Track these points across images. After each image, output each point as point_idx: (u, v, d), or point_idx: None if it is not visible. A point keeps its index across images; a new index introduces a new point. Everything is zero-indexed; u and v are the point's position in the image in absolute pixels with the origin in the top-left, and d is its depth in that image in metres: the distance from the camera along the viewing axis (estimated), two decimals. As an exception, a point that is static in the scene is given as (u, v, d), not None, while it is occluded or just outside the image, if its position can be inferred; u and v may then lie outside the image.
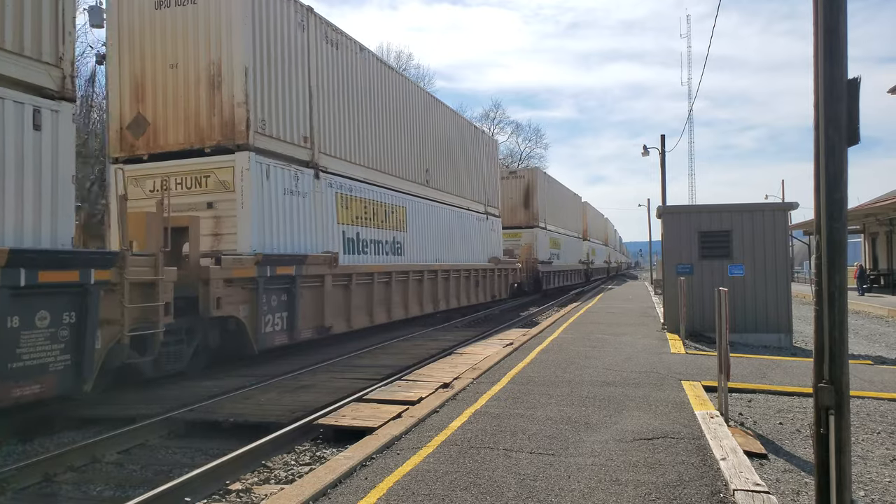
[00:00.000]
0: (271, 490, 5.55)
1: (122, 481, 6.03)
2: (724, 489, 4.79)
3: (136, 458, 6.71)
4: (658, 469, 5.24)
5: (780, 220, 14.34)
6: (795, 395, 8.32)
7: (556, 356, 11.11)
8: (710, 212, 14.71)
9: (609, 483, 4.94)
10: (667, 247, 15.04)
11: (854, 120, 3.73)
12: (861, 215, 31.11)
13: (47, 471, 6.08)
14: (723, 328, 6.73)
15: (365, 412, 7.59)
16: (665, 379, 9.02)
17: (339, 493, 4.82)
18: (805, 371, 9.60)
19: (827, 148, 3.73)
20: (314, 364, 11.40)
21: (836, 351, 3.71)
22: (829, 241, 3.75)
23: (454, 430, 6.42)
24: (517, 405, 7.46)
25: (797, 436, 6.53)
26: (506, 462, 5.44)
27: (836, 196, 3.74)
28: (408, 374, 10.15)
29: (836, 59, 3.72)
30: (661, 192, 29.00)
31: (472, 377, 9.18)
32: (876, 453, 6.03)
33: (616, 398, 7.80)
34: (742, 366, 10.15)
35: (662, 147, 29.67)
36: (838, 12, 3.72)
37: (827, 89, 3.72)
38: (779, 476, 5.33)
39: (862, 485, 5.20)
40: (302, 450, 6.82)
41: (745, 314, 13.90)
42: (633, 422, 6.71)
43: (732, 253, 14.23)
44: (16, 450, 6.98)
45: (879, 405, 7.82)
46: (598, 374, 9.35)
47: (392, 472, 5.23)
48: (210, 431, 7.44)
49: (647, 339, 13.59)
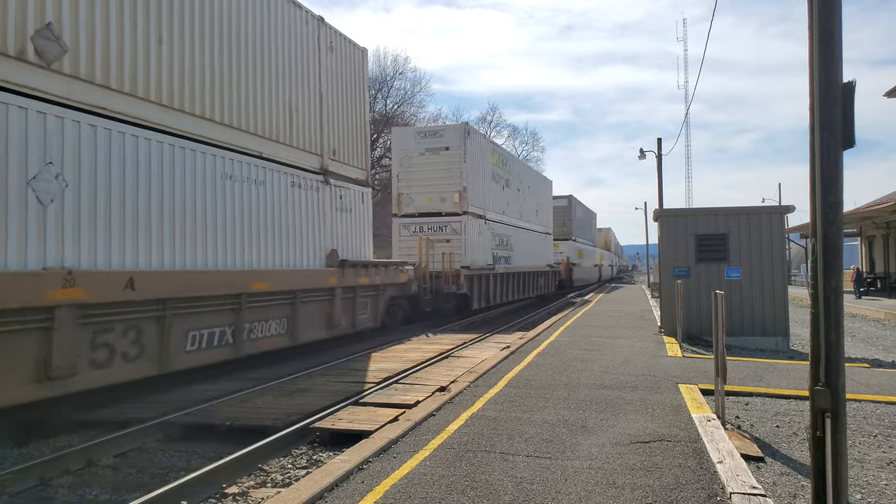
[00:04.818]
0: (268, 493, 5.54)
1: (119, 485, 6.01)
2: (720, 492, 4.79)
3: (132, 462, 6.69)
4: (655, 472, 5.24)
5: (777, 224, 14.37)
6: (792, 398, 8.33)
7: (553, 359, 11.11)
8: (707, 215, 14.73)
9: (606, 486, 4.93)
10: (663, 250, 15.06)
11: (849, 123, 3.74)
12: (857, 218, 31.19)
13: (43, 474, 6.06)
14: (719, 331, 6.74)
15: (361, 415, 7.58)
16: (662, 382, 9.02)
17: (335, 497, 4.81)
18: (802, 374, 9.62)
19: (822, 151, 3.75)
20: (311, 367, 11.37)
21: (832, 354, 3.72)
22: (825, 245, 3.76)
23: (451, 434, 6.41)
24: (514, 408, 7.45)
25: (794, 439, 6.54)
26: (502, 465, 5.43)
27: (831, 199, 3.75)
28: (405, 377, 10.14)
29: (831, 62, 3.73)
30: (657, 195, 29.04)
31: (469, 380, 9.17)
32: (872, 456, 6.03)
33: (613, 401, 7.80)
34: (739, 369, 10.16)
35: (659, 150, 29.71)
36: (833, 16, 3.74)
37: (822, 93, 3.74)
38: (776, 479, 5.34)
39: (858, 488, 5.20)
40: (298, 453, 6.80)
41: (741, 317, 13.92)
42: (630, 425, 6.71)
43: (729, 256, 14.25)
44: (12, 453, 6.95)
45: (876, 408, 7.83)
46: (595, 378, 9.35)
47: (389, 476, 5.22)
48: (206, 435, 7.42)
49: (644, 342, 13.59)
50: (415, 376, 10.11)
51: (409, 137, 22.73)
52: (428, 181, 21.99)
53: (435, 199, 21.89)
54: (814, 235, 3.82)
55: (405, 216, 22.24)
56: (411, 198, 22.20)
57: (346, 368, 11.44)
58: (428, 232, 21.69)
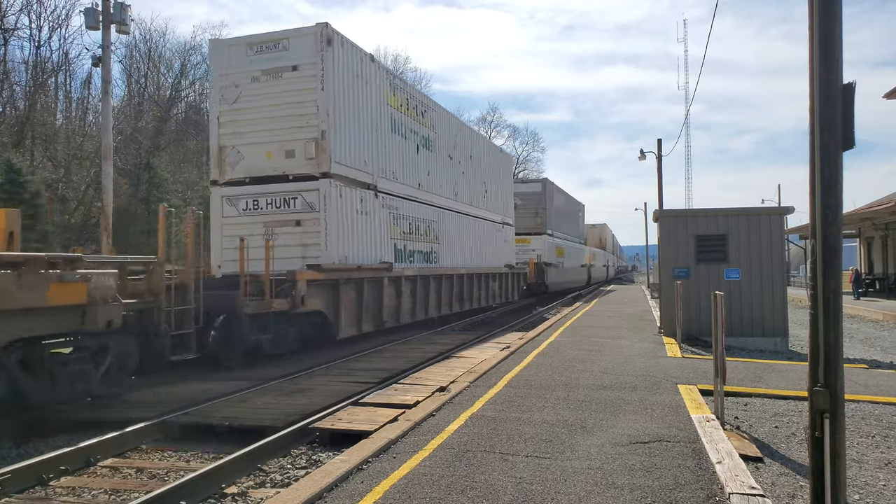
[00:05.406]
0: (267, 494, 5.54)
1: (118, 485, 6.01)
2: (719, 493, 4.79)
3: (131, 462, 6.69)
4: (654, 472, 5.24)
5: (777, 225, 14.38)
6: (791, 398, 8.34)
7: (552, 360, 11.12)
8: (707, 216, 14.75)
9: (605, 487, 4.94)
10: (663, 250, 15.07)
11: (849, 124, 3.75)
12: (857, 219, 31.22)
13: (42, 474, 6.05)
14: (719, 332, 6.75)
15: (361, 416, 7.58)
16: (661, 382, 9.03)
17: (335, 497, 4.82)
18: (801, 375, 9.62)
19: (822, 152, 3.75)
20: (311, 367, 11.37)
21: (831, 355, 3.73)
22: (824, 246, 3.77)
23: (451, 434, 6.41)
24: (514, 409, 7.46)
25: (793, 439, 6.55)
26: (502, 465, 5.44)
27: (831, 200, 3.75)
28: (404, 377, 10.14)
29: (831, 64, 3.74)
30: (657, 196, 29.08)
31: (469, 381, 9.18)
32: (871, 457, 6.04)
33: (612, 402, 7.80)
34: (738, 369, 10.17)
35: (659, 151, 29.74)
36: (833, 18, 3.75)
37: (822, 94, 3.75)
38: (774, 479, 5.34)
39: (857, 488, 5.21)
40: (298, 453, 6.80)
41: (741, 318, 13.93)
42: (629, 425, 6.71)
43: (729, 257, 14.26)
44: (10, 453, 6.95)
45: (874, 409, 7.84)
46: (594, 378, 9.36)
47: (388, 476, 5.22)
48: (206, 435, 7.41)
49: (644, 342, 13.60)
50: (414, 376, 10.11)
51: (237, 54, 13.95)
52: (266, 124, 13.56)
53: (277, 154, 13.49)
54: (813, 236, 3.82)
55: (231, 184, 13.94)
56: (240, 153, 13.80)
57: (346, 368, 11.45)
58: (268, 210, 13.60)
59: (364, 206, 14.92)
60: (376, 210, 15.61)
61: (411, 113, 17.98)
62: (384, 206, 16.04)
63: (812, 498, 3.81)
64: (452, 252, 20.87)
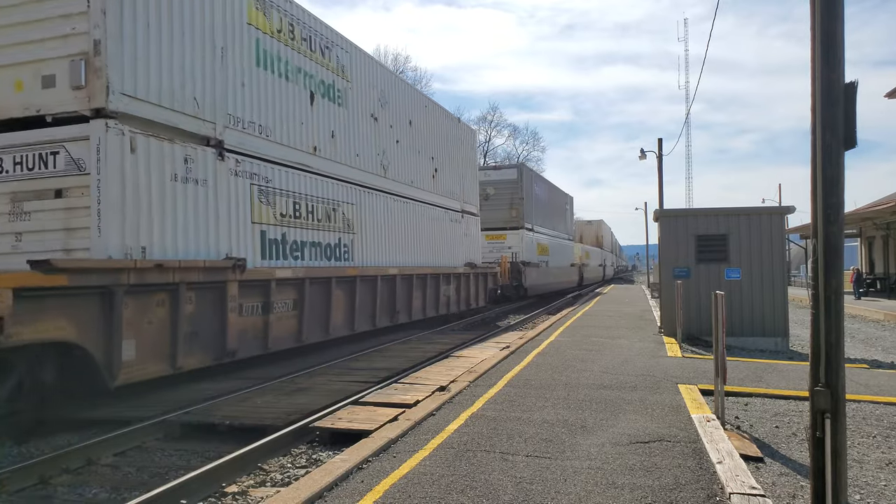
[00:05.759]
0: (267, 493, 5.54)
1: (118, 484, 6.01)
2: (720, 493, 4.79)
3: (131, 461, 6.69)
4: (654, 472, 5.24)
5: (777, 224, 14.37)
6: (792, 398, 8.33)
7: (552, 359, 11.11)
8: (707, 215, 14.74)
9: (605, 486, 4.93)
10: (664, 250, 15.06)
11: (851, 124, 3.74)
12: (858, 219, 31.20)
13: (43, 473, 6.05)
14: (719, 332, 6.74)
15: (361, 415, 7.58)
16: (661, 382, 9.02)
17: (335, 496, 4.81)
18: (801, 375, 9.62)
19: (824, 152, 3.75)
20: (311, 367, 11.38)
21: (832, 355, 3.72)
22: (825, 245, 3.76)
23: (451, 433, 6.41)
24: (514, 408, 7.45)
25: (793, 439, 6.54)
26: (502, 465, 5.43)
27: (832, 200, 3.75)
28: (404, 377, 10.14)
29: (833, 63, 3.73)
30: (658, 196, 29.06)
31: (469, 380, 9.17)
32: (872, 457, 6.03)
33: (612, 401, 7.80)
34: (738, 369, 10.16)
35: (659, 150, 29.72)
36: (835, 17, 3.74)
37: (824, 93, 3.74)
38: (775, 479, 5.34)
39: (858, 488, 5.20)
40: (298, 452, 6.80)
41: (741, 318, 13.92)
42: (629, 425, 6.71)
43: (729, 256, 14.25)
44: (11, 452, 6.95)
45: (875, 409, 7.83)
46: (594, 378, 9.35)
47: (388, 475, 5.22)
48: (206, 434, 7.42)
49: (644, 342, 13.60)
50: (414, 376, 10.11)
51: None
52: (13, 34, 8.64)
53: (31, 84, 8.50)
54: (814, 236, 3.82)
55: None
56: None
57: (347, 367, 11.45)
58: (17, 173, 8.53)
59: (192, 172, 9.64)
60: (222, 178, 10.28)
61: (299, 46, 12.63)
62: (240, 174, 10.75)
63: (813, 498, 3.81)
64: (378, 245, 15.83)
